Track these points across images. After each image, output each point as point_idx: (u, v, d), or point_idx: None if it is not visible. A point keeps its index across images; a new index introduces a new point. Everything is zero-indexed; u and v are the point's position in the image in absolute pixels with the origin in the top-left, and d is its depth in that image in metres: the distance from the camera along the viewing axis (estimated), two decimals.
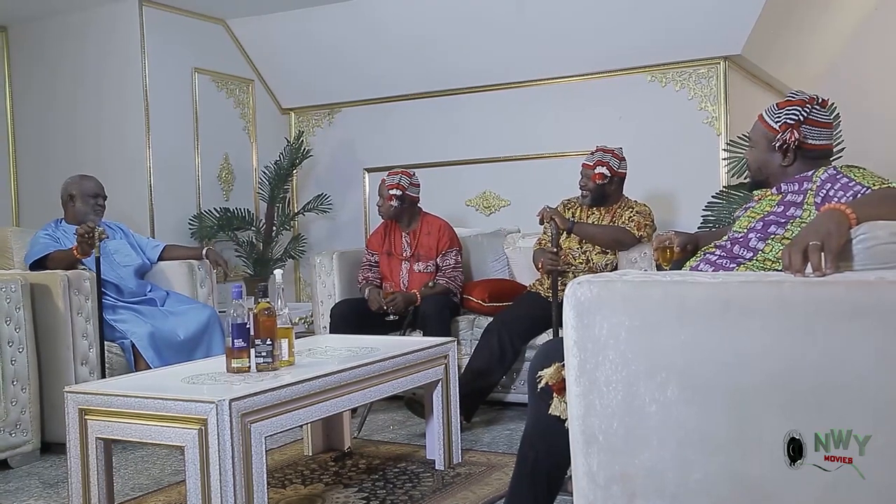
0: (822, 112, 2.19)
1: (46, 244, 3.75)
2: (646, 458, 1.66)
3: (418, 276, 4.08)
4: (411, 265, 4.11)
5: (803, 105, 2.18)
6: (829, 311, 1.51)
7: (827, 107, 2.21)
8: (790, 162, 2.18)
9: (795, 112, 2.17)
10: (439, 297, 3.92)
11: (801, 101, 2.19)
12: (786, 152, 2.18)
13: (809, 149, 2.17)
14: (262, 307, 2.53)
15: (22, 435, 3.28)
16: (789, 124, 2.17)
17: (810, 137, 2.16)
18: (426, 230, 4.15)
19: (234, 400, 2.14)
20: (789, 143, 2.16)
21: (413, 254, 4.12)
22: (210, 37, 5.34)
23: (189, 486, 2.16)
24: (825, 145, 2.19)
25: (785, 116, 2.19)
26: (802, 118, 2.16)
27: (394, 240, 4.18)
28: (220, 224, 5.16)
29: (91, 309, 3.49)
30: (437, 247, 4.11)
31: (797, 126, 2.16)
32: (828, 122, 2.20)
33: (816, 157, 2.18)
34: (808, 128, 2.16)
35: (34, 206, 5.15)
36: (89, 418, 2.34)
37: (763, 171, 2.26)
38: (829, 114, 2.23)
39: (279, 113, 5.87)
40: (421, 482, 2.85)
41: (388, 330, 3.84)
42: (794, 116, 2.17)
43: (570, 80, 4.98)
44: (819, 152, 2.18)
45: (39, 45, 5.22)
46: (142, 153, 4.94)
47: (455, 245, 4.15)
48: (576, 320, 1.72)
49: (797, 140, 2.15)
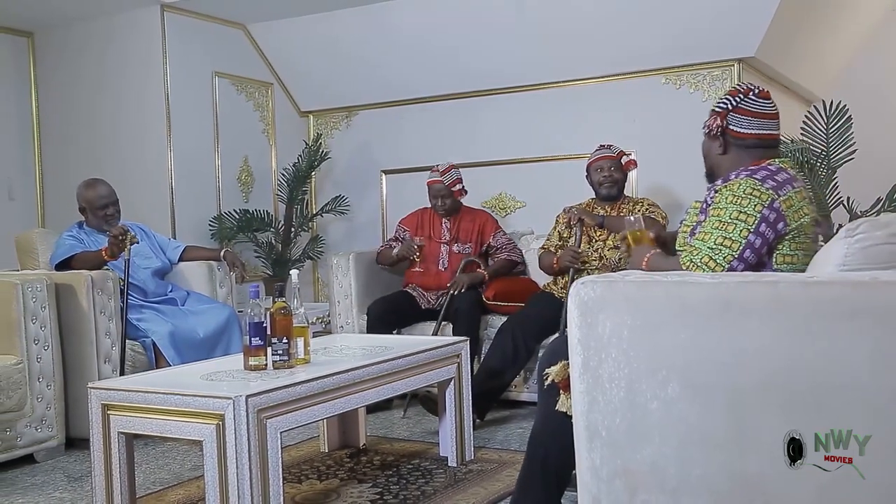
0: (756, 102, 2.26)
1: (72, 245, 3.84)
2: (647, 454, 1.70)
3: (457, 256, 4.26)
4: (451, 247, 4.29)
5: (736, 94, 2.27)
6: (825, 311, 1.54)
7: (767, 98, 2.28)
8: (723, 150, 2.28)
9: (726, 101, 2.27)
10: (473, 295, 4.03)
11: (736, 90, 2.29)
12: (716, 140, 2.28)
13: (736, 136, 2.25)
14: (279, 306, 2.60)
15: (47, 430, 3.37)
16: (716, 112, 2.28)
17: (734, 124, 2.24)
18: (468, 218, 4.39)
19: (251, 396, 2.21)
20: (713, 130, 2.27)
21: (453, 237, 4.30)
22: (230, 41, 5.43)
23: (207, 479, 2.23)
24: (753, 134, 2.25)
25: (715, 105, 2.30)
26: (731, 106, 2.25)
27: (433, 225, 4.37)
28: (240, 225, 5.24)
29: (114, 308, 3.58)
30: (483, 231, 4.34)
31: (723, 114, 2.26)
32: (761, 112, 2.25)
33: (750, 146, 2.25)
34: (735, 116, 2.25)
35: (59, 209, 5.25)
36: (112, 413, 2.42)
37: (707, 161, 2.37)
38: (771, 105, 2.29)
39: (298, 116, 5.95)
40: (433, 478, 2.91)
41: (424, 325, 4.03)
42: (722, 105, 2.28)
43: (584, 83, 5.01)
44: (749, 141, 2.25)
45: (64, 51, 5.32)
46: (163, 156, 5.03)
47: (500, 228, 4.42)
48: (580, 319, 1.77)
49: (720, 127, 2.25)
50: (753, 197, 2.08)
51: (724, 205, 2.11)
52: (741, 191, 2.10)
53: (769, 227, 2.08)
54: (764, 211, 2.07)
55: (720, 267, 2.05)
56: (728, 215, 2.09)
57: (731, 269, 2.05)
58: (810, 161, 3.55)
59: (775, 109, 2.30)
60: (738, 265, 2.06)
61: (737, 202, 2.09)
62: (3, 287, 3.31)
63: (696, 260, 2.09)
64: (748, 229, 2.06)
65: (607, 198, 3.92)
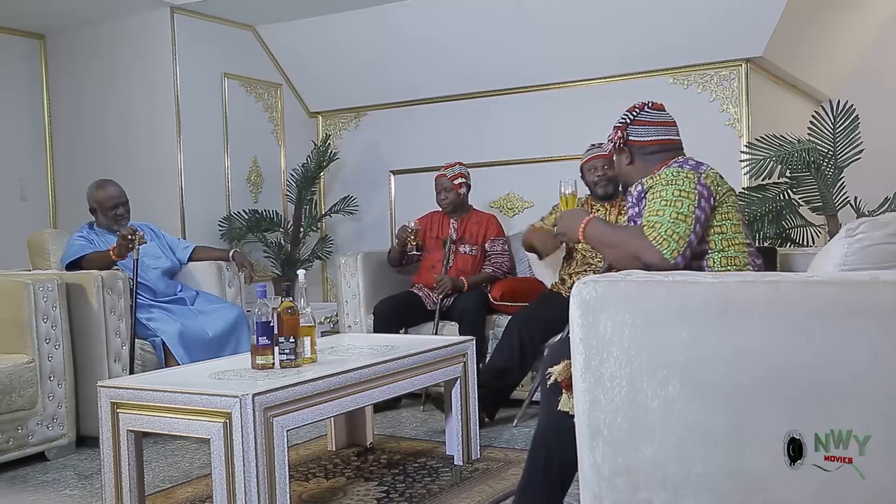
0: (650, 113, 2.47)
1: (82, 246, 3.88)
2: (648, 452, 1.71)
3: (462, 257, 4.30)
4: (457, 247, 4.31)
5: (632, 110, 2.48)
6: (824, 310, 1.55)
7: (661, 109, 2.49)
8: (630, 160, 2.46)
9: (625, 117, 2.48)
10: (478, 295, 4.06)
11: (632, 107, 2.48)
12: (621, 152, 2.46)
13: (637, 145, 2.44)
14: (286, 306, 2.63)
15: (58, 428, 3.41)
16: (617, 127, 2.48)
17: (633, 135, 2.45)
18: (475, 220, 4.42)
19: (257, 395, 2.24)
20: (617, 142, 2.45)
21: (459, 237, 4.34)
22: (239, 43, 5.47)
23: (215, 476, 2.26)
24: (653, 141, 2.45)
25: (617, 121, 2.49)
26: (630, 120, 2.45)
27: (441, 226, 4.42)
28: (249, 226, 5.27)
29: (123, 308, 3.61)
30: (486, 234, 4.36)
31: (623, 127, 2.45)
32: (657, 122, 2.46)
33: (653, 152, 2.44)
34: (633, 127, 2.45)
35: (70, 209, 5.30)
36: (121, 412, 2.45)
37: (620, 175, 2.58)
38: (666, 114, 2.50)
39: (307, 116, 5.98)
40: (439, 476, 2.93)
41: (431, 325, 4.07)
42: (621, 120, 2.48)
43: (591, 83, 5.02)
44: (654, 147, 2.44)
45: (75, 53, 5.37)
46: (173, 157, 5.07)
47: (503, 235, 4.43)
48: (581, 319, 1.78)
49: (622, 139, 2.44)
50: (682, 177, 2.26)
51: (661, 187, 2.26)
52: (669, 175, 2.27)
53: (706, 202, 2.27)
54: (698, 187, 2.25)
55: (683, 240, 2.19)
56: (670, 194, 2.24)
57: (689, 243, 2.20)
58: (817, 161, 3.55)
59: (671, 118, 2.51)
60: (694, 240, 2.22)
61: (672, 183, 2.25)
62: (15, 287, 3.35)
63: (662, 232, 2.20)
64: (693, 204, 2.23)
65: (604, 197, 3.91)
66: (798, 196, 3.77)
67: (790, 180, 3.76)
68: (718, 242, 2.31)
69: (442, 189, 4.37)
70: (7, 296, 3.37)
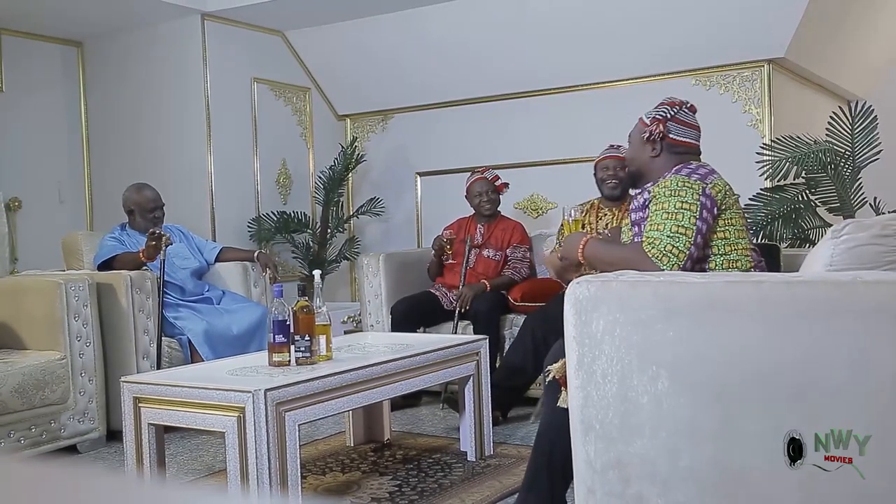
0: (689, 115, 2.51)
1: (113, 247, 4.02)
2: (639, 447, 1.76)
3: (484, 261, 4.37)
4: (481, 250, 4.39)
5: (672, 105, 2.50)
6: (807, 310, 1.59)
7: (694, 111, 2.53)
8: (657, 153, 2.48)
9: (665, 110, 2.49)
10: (492, 296, 4.11)
11: (672, 102, 2.51)
12: (653, 144, 2.47)
13: (672, 143, 2.47)
14: (301, 305, 2.72)
15: (89, 423, 3.54)
16: (658, 119, 2.48)
17: (674, 132, 2.48)
18: (502, 226, 4.48)
19: (270, 390, 2.32)
20: (655, 135, 2.46)
21: (484, 242, 4.40)
22: (269, 48, 5.59)
23: (229, 468, 2.35)
24: (687, 142, 2.49)
25: (655, 113, 2.51)
26: (670, 115, 2.47)
27: (469, 230, 4.49)
28: (278, 227, 5.39)
29: (151, 307, 3.74)
30: (510, 240, 4.42)
31: (664, 121, 2.47)
32: (693, 124, 2.51)
33: (681, 152, 2.47)
34: (673, 124, 2.48)
35: (106, 211, 5.46)
36: (143, 406, 2.56)
37: (634, 163, 2.57)
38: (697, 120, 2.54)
39: (335, 119, 6.08)
40: (452, 472, 3.00)
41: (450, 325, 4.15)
42: (662, 113, 2.49)
43: (614, 85, 5.05)
44: (682, 147, 2.48)
45: (110, 60, 5.53)
46: (203, 160, 5.21)
47: (527, 243, 4.46)
48: (575, 317, 1.83)
49: (661, 132, 2.46)
50: (687, 188, 2.29)
51: (664, 198, 2.30)
52: (674, 185, 2.31)
53: (708, 213, 2.30)
54: (701, 198, 2.29)
55: (682, 253, 2.22)
56: (672, 206, 2.28)
57: (689, 255, 2.23)
58: (834, 161, 3.55)
59: (699, 123, 2.58)
60: (695, 251, 2.26)
61: (675, 194, 2.29)
62: (48, 286, 3.49)
63: (661, 248, 2.24)
64: (694, 216, 2.26)
65: (610, 198, 3.94)
66: (816, 197, 3.77)
67: (807, 181, 3.76)
68: (722, 247, 2.34)
69: (484, 191, 4.40)
70: (41, 295, 3.51)
